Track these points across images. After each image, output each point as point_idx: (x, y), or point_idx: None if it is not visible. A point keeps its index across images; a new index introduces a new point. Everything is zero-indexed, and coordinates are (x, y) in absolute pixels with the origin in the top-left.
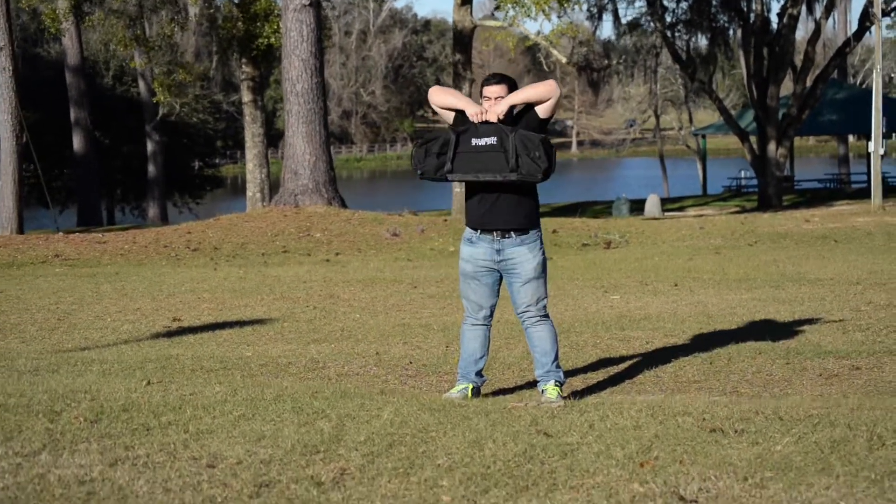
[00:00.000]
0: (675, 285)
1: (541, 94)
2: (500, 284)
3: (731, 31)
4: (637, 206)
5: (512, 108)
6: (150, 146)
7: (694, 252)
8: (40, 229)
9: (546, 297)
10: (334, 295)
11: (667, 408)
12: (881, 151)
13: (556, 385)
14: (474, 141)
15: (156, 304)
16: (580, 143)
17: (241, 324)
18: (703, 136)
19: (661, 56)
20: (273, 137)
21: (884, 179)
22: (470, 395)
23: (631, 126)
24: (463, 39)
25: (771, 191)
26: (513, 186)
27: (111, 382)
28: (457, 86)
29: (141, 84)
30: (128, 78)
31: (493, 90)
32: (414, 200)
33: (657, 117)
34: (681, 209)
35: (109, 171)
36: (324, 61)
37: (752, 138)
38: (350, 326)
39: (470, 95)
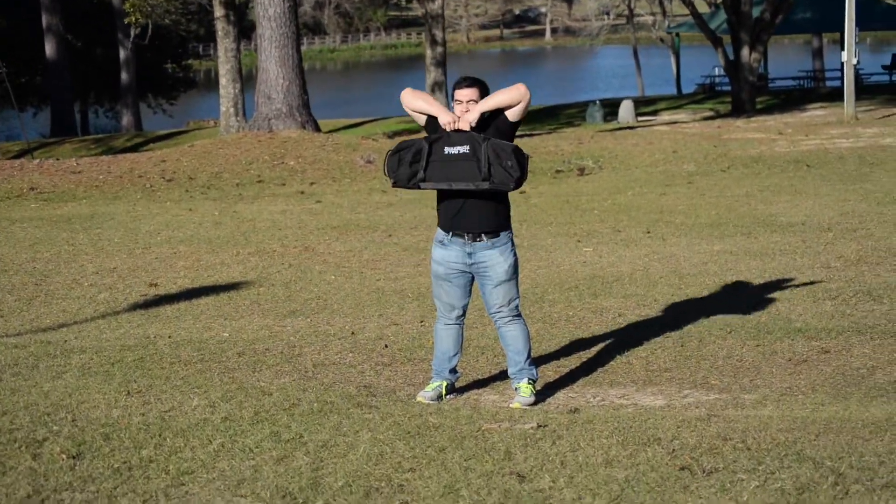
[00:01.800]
0: (648, 232)
1: (512, 98)
2: (472, 285)
3: None
4: (611, 111)
5: (483, 113)
6: (122, 53)
7: (667, 181)
8: (12, 140)
9: (518, 297)
10: (309, 247)
11: (637, 432)
12: (854, 61)
13: (530, 383)
14: (447, 149)
15: (132, 262)
16: (554, 31)
17: (216, 290)
18: (677, 35)
19: None
20: (246, 29)
21: (858, 77)
22: (444, 392)
23: (605, 14)
24: None
25: (744, 96)
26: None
27: (91, 391)
28: None
29: None
30: None
31: (464, 93)
32: (387, 101)
33: (631, 13)
34: (655, 113)
35: (82, 74)
36: None
37: (726, 38)
38: (325, 292)
39: (442, 9)
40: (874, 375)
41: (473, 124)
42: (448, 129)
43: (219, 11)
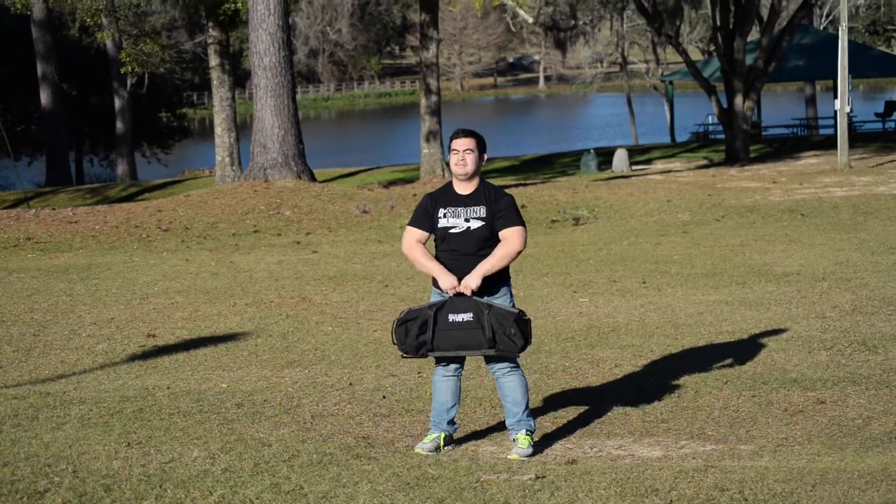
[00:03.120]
0: (644, 283)
1: (510, 255)
2: None
3: None
4: (605, 160)
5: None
6: (117, 102)
7: (662, 230)
8: (7, 189)
9: None
10: (306, 297)
11: (635, 483)
12: (847, 109)
13: (528, 434)
14: (451, 317)
15: (130, 313)
16: (547, 79)
17: (214, 341)
18: (671, 83)
19: (627, 10)
20: (240, 77)
21: (851, 125)
22: (442, 444)
23: (599, 62)
24: None
25: (738, 144)
26: (483, 249)
27: (91, 442)
28: (423, 45)
29: (108, 42)
30: (94, 29)
31: (461, 143)
32: (381, 149)
33: (624, 61)
34: (649, 161)
35: (77, 123)
36: (290, 34)
37: (719, 85)
38: (323, 344)
39: (436, 59)
40: (870, 426)
41: (475, 289)
42: (450, 294)
43: (214, 61)
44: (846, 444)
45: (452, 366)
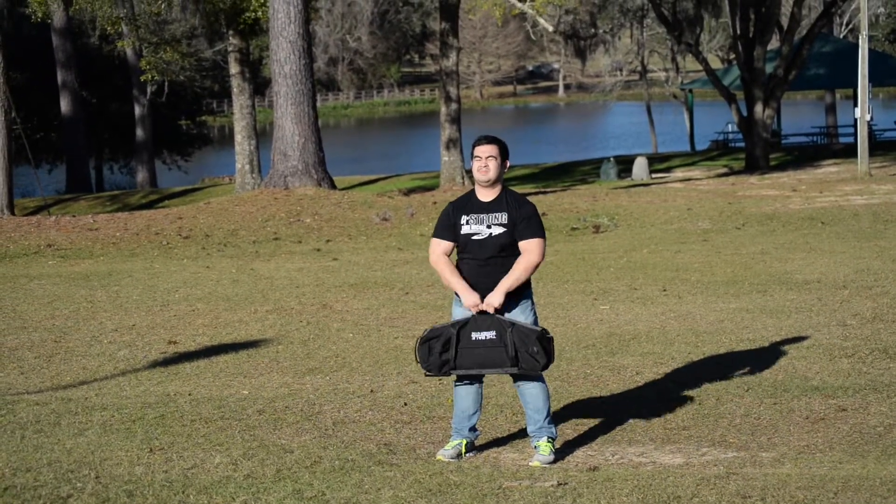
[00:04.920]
0: (664, 290)
1: (531, 268)
2: None
3: None
4: (625, 168)
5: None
6: (137, 110)
7: (682, 238)
8: (28, 196)
9: None
10: (327, 304)
11: (657, 490)
12: (867, 117)
13: (549, 441)
14: (474, 335)
15: (151, 319)
16: (567, 87)
17: (235, 348)
18: (691, 91)
19: (647, 19)
20: (259, 85)
21: (871, 133)
22: (464, 450)
23: (618, 70)
24: (449, 8)
25: (758, 152)
26: (503, 255)
27: (113, 448)
28: (443, 54)
29: (128, 50)
30: (114, 37)
31: (483, 150)
32: (401, 157)
33: (644, 69)
34: (668, 170)
35: (97, 130)
36: (311, 42)
37: (739, 94)
38: (344, 350)
39: (456, 67)
40: (891, 433)
41: (499, 307)
42: (473, 312)
43: (234, 69)
44: (868, 451)
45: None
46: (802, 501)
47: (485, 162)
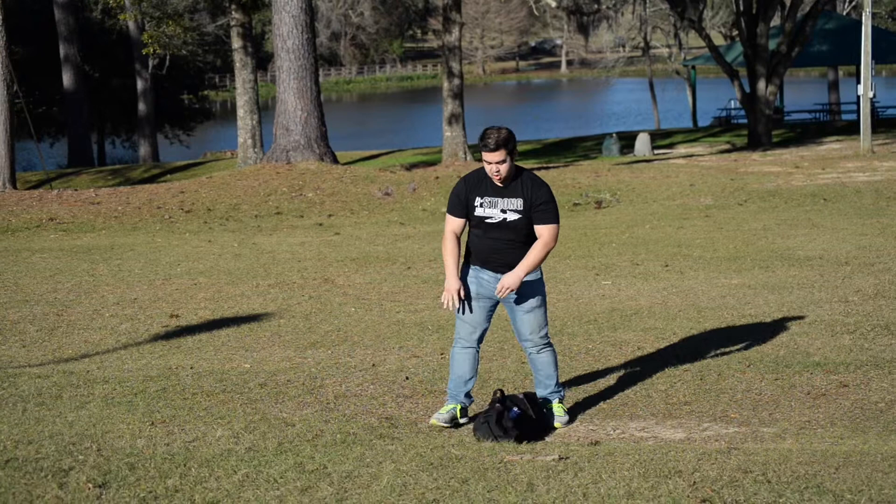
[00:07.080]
0: (666, 266)
1: (546, 252)
2: (494, 312)
3: None
4: (627, 144)
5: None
6: (139, 84)
7: (684, 214)
8: (30, 170)
9: (546, 325)
10: (329, 279)
11: (658, 464)
12: (870, 94)
13: (560, 402)
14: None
15: (153, 293)
16: (569, 63)
17: (237, 321)
18: (693, 68)
19: None
20: (262, 60)
21: (874, 110)
22: (458, 414)
23: (621, 46)
24: None
25: (761, 129)
26: (520, 238)
27: (115, 420)
28: (446, 29)
29: (131, 24)
30: (117, 11)
31: (492, 156)
32: (403, 132)
33: (646, 45)
34: (671, 146)
35: (99, 105)
36: (314, 17)
37: (742, 70)
38: (345, 325)
39: (459, 42)
40: (892, 409)
41: (515, 289)
42: (446, 295)
43: (236, 43)
44: (869, 427)
45: (474, 336)
46: (803, 476)
47: (496, 167)
